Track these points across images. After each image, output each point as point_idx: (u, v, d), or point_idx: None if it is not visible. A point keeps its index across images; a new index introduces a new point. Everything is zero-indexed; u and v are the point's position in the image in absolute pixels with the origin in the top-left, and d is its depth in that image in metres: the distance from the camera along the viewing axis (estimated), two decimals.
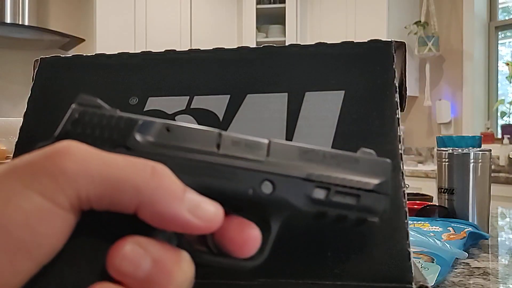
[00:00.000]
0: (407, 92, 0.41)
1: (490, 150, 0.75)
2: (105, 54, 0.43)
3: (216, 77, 0.40)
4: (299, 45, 0.41)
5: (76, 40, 3.10)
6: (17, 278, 0.19)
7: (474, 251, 0.63)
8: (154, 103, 0.39)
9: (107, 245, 0.21)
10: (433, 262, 0.50)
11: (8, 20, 2.94)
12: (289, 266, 0.31)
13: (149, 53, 0.43)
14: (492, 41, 3.17)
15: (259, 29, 3.57)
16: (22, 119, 0.40)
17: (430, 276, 0.47)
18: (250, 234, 0.23)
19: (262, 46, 0.41)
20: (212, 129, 0.25)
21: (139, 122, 0.24)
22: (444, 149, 0.76)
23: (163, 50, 0.42)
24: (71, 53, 2.87)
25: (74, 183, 0.20)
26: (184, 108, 0.39)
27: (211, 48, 0.42)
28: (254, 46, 0.41)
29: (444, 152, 0.75)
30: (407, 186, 0.35)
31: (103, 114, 0.24)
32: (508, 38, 3.16)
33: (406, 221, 0.32)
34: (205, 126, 0.26)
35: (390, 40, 0.39)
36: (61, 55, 0.44)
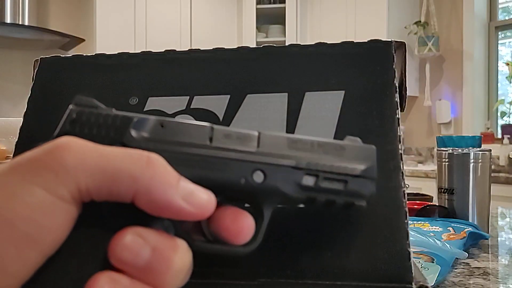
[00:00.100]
0: (407, 92, 0.41)
1: (490, 150, 0.75)
2: (105, 54, 0.43)
3: (216, 77, 0.40)
4: (299, 45, 0.41)
5: (76, 40, 3.10)
6: (25, 269, 0.20)
7: (474, 251, 0.63)
8: (154, 103, 0.39)
9: (108, 236, 0.22)
10: (433, 262, 0.50)
11: (8, 20, 2.94)
12: (289, 266, 0.31)
13: (149, 53, 0.42)
14: (492, 41, 3.17)
15: (259, 29, 3.58)
16: (22, 119, 0.40)
17: (430, 276, 0.47)
18: (244, 222, 0.25)
19: (262, 46, 0.41)
20: (205, 123, 0.26)
21: (134, 119, 0.25)
22: (444, 149, 0.76)
23: (163, 50, 0.42)
24: (71, 53, 2.88)
25: (74, 176, 0.21)
26: (184, 108, 0.39)
27: (211, 48, 0.42)
28: (254, 46, 0.41)
29: (444, 152, 0.75)
30: (407, 186, 0.35)
31: (100, 113, 0.25)
32: (508, 38, 3.16)
33: (406, 221, 0.32)
34: (198, 121, 0.27)
35: (390, 40, 0.39)
36: (61, 55, 0.44)
